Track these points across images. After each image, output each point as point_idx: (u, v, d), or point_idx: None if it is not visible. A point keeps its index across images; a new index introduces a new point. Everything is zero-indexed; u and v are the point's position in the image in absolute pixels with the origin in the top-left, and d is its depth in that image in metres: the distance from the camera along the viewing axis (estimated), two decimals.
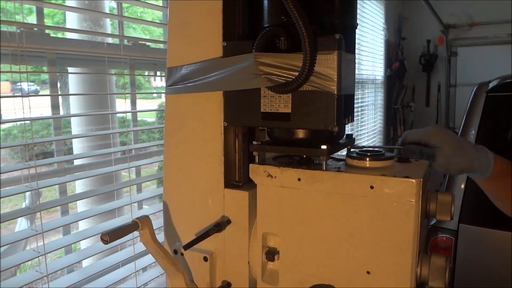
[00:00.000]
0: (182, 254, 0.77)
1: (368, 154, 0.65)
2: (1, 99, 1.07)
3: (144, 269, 1.54)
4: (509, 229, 1.62)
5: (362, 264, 0.61)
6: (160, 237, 0.78)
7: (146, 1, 1.59)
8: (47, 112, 1.30)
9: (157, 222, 1.39)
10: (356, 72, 1.10)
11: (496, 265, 1.66)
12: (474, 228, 1.72)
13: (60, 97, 1.34)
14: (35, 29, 1.21)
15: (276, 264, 0.69)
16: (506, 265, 1.60)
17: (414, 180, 0.57)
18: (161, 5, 1.76)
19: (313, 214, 0.64)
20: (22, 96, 1.09)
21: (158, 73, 1.77)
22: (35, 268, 1.19)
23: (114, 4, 1.67)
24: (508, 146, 1.86)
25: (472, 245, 1.72)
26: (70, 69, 1.53)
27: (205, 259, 0.74)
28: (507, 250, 1.61)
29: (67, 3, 1.61)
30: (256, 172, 0.68)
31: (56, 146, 1.33)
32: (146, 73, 2.08)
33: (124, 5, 1.64)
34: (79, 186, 1.62)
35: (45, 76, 1.41)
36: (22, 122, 1.11)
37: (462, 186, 1.77)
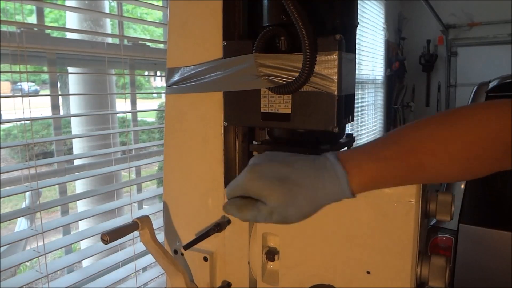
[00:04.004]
0: (182, 254, 0.77)
1: None
2: (1, 99, 1.07)
3: (144, 269, 1.54)
4: (509, 229, 1.62)
5: (362, 264, 0.61)
6: (160, 237, 0.78)
7: (146, 1, 1.59)
8: (47, 112, 1.30)
9: (157, 222, 1.39)
10: (356, 72, 1.10)
11: (496, 265, 1.66)
12: (474, 228, 1.72)
13: (60, 97, 1.34)
14: (35, 29, 1.21)
15: (276, 264, 0.69)
16: (506, 265, 1.60)
17: None
18: (161, 5, 1.76)
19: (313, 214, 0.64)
20: (22, 96, 1.09)
21: (158, 73, 1.77)
22: (35, 268, 1.19)
23: (115, 4, 1.67)
24: None
25: (472, 245, 1.72)
26: (70, 69, 1.53)
27: (205, 259, 0.74)
28: (507, 250, 1.61)
29: (67, 3, 1.61)
30: None
31: (56, 146, 1.33)
32: (146, 73, 2.08)
33: (127, 6, 1.64)
34: (79, 186, 1.62)
35: (45, 76, 1.41)
36: (22, 122, 1.11)
37: (462, 186, 1.77)
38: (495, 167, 0.51)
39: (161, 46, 1.64)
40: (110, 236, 0.58)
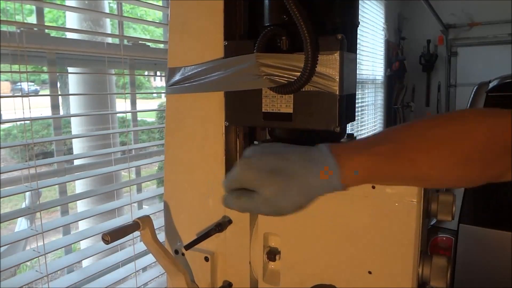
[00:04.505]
0: (183, 254, 0.77)
1: None
2: (1, 99, 1.07)
3: (144, 269, 1.54)
4: (509, 229, 1.62)
5: (364, 264, 0.61)
6: (161, 237, 0.78)
7: (146, 1, 1.59)
8: (47, 112, 1.30)
9: (157, 222, 1.39)
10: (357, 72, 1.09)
11: (496, 265, 1.66)
12: (474, 228, 1.72)
13: (60, 97, 1.34)
14: (35, 29, 1.21)
15: (277, 264, 0.69)
16: (506, 265, 1.60)
17: None
18: (161, 5, 1.76)
19: (314, 214, 0.64)
20: (22, 96, 1.09)
21: (158, 73, 1.77)
22: (35, 268, 1.19)
23: (114, 4, 1.67)
24: None
25: (472, 245, 1.72)
26: (70, 69, 1.53)
27: (206, 259, 0.74)
28: (507, 250, 1.61)
29: (67, 3, 1.61)
30: None
31: (56, 146, 1.33)
32: (146, 73, 2.08)
33: (126, 7, 1.64)
34: (79, 186, 1.61)
35: (45, 76, 1.41)
36: (22, 122, 1.11)
37: None
38: (486, 174, 0.51)
39: (161, 46, 1.64)
40: (111, 236, 0.58)
